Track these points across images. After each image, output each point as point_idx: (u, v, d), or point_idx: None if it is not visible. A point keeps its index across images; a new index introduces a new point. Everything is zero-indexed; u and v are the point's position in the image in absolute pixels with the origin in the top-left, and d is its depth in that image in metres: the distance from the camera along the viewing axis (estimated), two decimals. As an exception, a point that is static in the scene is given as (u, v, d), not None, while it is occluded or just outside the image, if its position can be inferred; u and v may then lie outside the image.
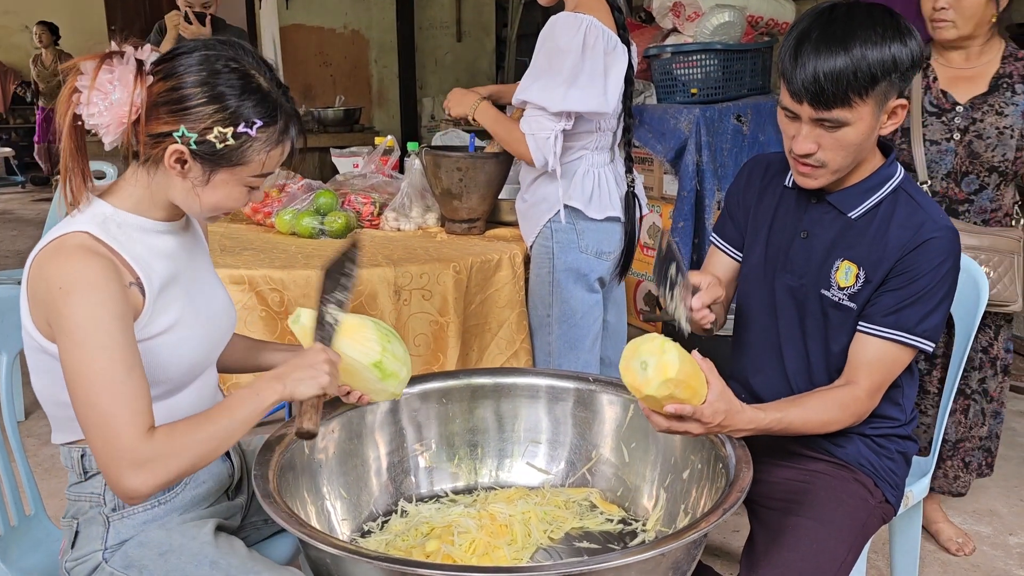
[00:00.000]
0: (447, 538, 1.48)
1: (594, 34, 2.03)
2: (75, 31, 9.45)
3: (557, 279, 2.22)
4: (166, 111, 1.18)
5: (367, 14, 8.12)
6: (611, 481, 1.69)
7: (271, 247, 2.34)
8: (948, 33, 2.14)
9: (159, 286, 1.26)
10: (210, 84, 1.18)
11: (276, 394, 1.24)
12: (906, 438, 1.60)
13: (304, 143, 1.34)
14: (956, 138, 2.17)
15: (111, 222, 1.24)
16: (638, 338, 1.28)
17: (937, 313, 1.43)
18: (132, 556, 1.30)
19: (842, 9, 1.37)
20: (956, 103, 2.17)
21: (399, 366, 1.41)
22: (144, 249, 1.26)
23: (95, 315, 1.13)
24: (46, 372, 1.26)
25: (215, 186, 1.24)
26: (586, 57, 2.03)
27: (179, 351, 1.29)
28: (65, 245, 1.18)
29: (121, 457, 1.12)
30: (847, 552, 1.45)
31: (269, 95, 1.23)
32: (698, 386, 1.27)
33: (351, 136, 5.04)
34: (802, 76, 1.34)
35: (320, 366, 1.26)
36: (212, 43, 1.22)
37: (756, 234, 1.63)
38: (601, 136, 2.19)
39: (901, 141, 2.21)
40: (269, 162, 1.25)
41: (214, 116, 1.18)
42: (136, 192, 1.26)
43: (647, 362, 1.24)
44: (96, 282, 1.14)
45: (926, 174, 2.19)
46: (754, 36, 3.80)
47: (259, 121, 1.21)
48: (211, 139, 1.19)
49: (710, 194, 3.48)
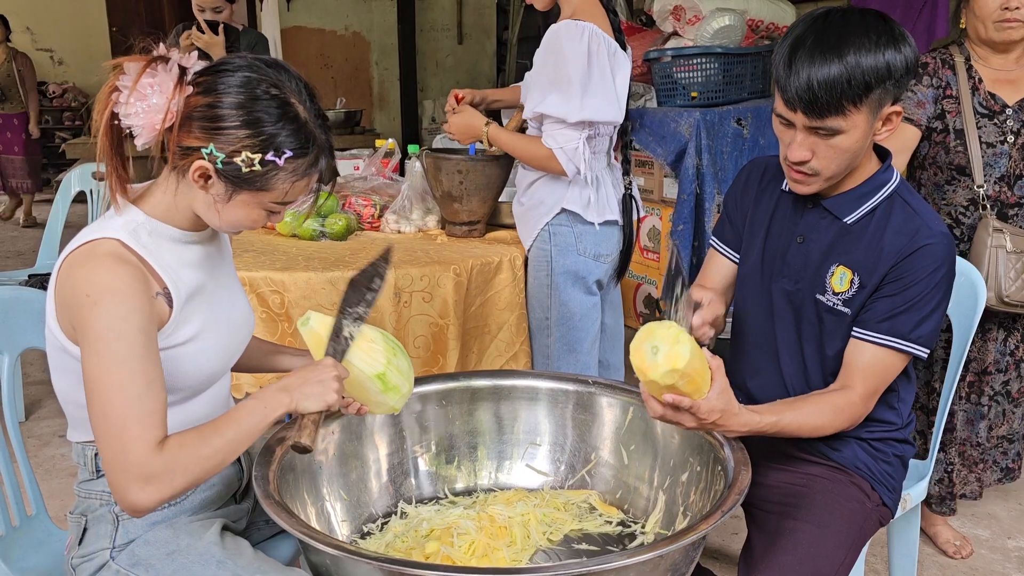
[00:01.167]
0: (446, 540, 1.49)
1: (597, 41, 2.03)
2: (76, 31, 9.45)
3: (555, 282, 2.23)
4: (199, 126, 1.18)
5: (368, 16, 8.14)
6: (610, 483, 1.69)
7: (272, 249, 2.35)
8: (1017, 34, 2.09)
9: (186, 296, 1.27)
10: (247, 108, 1.18)
11: (283, 407, 1.24)
12: (903, 441, 1.60)
13: (334, 179, 1.33)
14: (1010, 140, 2.14)
15: (142, 230, 1.24)
16: (655, 322, 1.27)
17: (932, 319, 1.44)
18: (139, 555, 1.30)
19: (836, 15, 1.36)
20: (1005, 105, 2.15)
21: (402, 380, 1.40)
22: (173, 259, 1.27)
23: (119, 327, 1.13)
24: (67, 372, 1.27)
25: (235, 205, 1.24)
26: (592, 64, 2.04)
27: (199, 360, 1.30)
28: (96, 251, 1.18)
29: (129, 471, 1.12)
30: (845, 555, 1.46)
31: (305, 126, 1.22)
32: (702, 383, 1.28)
33: (352, 138, 5.05)
34: (796, 84, 1.33)
35: (329, 383, 1.26)
36: (258, 64, 1.21)
37: (753, 238, 1.64)
38: (600, 140, 2.20)
39: (957, 143, 2.18)
40: (293, 192, 1.25)
41: (245, 140, 1.18)
42: (165, 200, 1.27)
43: (659, 347, 1.24)
44: (124, 293, 1.15)
45: (982, 176, 2.15)
46: (754, 40, 3.81)
47: (289, 152, 1.20)
48: (238, 162, 1.18)
49: (710, 197, 3.49)
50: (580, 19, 2.05)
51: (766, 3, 3.86)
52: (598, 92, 2.05)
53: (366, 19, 8.14)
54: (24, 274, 3.43)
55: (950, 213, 2.24)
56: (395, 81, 8.31)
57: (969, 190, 2.19)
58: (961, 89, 2.15)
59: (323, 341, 1.34)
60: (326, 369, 1.28)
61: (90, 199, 3.55)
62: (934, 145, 2.21)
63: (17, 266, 5.78)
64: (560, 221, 2.19)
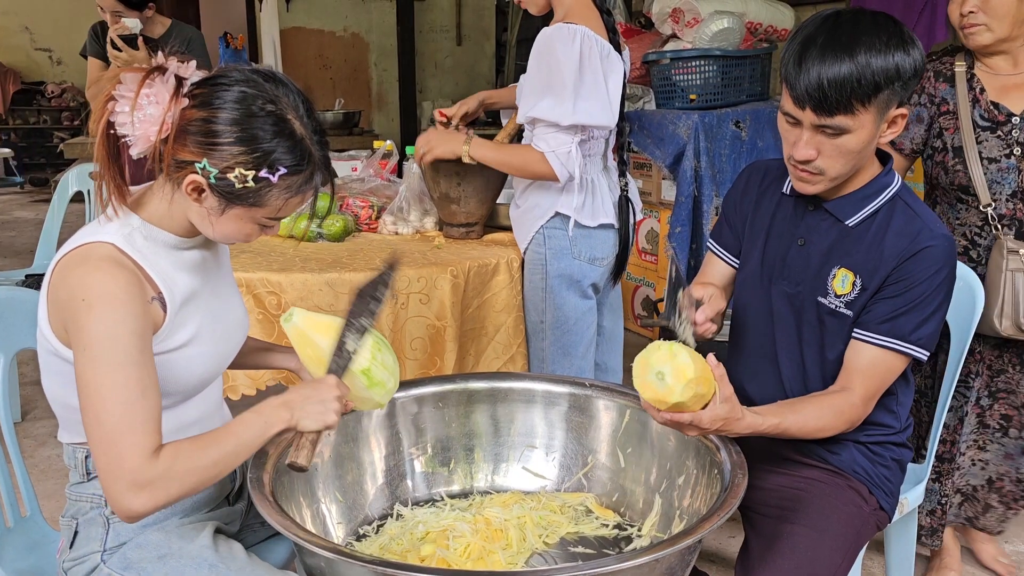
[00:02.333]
0: (442, 542, 1.48)
1: (589, 43, 2.02)
2: (75, 31, 9.44)
3: (550, 285, 2.22)
4: (193, 141, 1.17)
5: (367, 17, 8.14)
6: (607, 486, 1.69)
7: (268, 250, 2.34)
8: (983, 38, 1.96)
9: (180, 301, 1.27)
10: (242, 125, 1.17)
11: (283, 423, 1.23)
12: (901, 445, 1.60)
13: (332, 191, 1.33)
14: (1017, 153, 1.96)
15: (138, 234, 1.24)
16: (644, 351, 1.29)
17: (932, 321, 1.44)
18: (130, 558, 1.30)
19: (847, 16, 1.37)
20: (1011, 114, 1.97)
21: (387, 376, 1.39)
22: (168, 264, 1.26)
23: (115, 332, 1.13)
24: (58, 374, 1.26)
25: (229, 219, 1.23)
26: (585, 68, 2.02)
27: (192, 365, 1.30)
28: (92, 255, 1.18)
29: (123, 478, 1.11)
30: (842, 559, 1.46)
31: (301, 142, 1.21)
32: (711, 378, 1.28)
33: (350, 139, 5.05)
34: (806, 82, 1.34)
35: (331, 403, 1.26)
36: (254, 78, 1.20)
37: (753, 241, 1.63)
38: (594, 144, 2.19)
39: (955, 162, 2.01)
40: (286, 208, 1.25)
41: (239, 157, 1.17)
42: (161, 206, 1.26)
43: (663, 372, 1.25)
44: (119, 297, 1.14)
45: (988, 196, 1.97)
46: (753, 42, 3.80)
47: (284, 169, 1.19)
48: (231, 178, 1.17)
49: (708, 200, 3.48)
50: (572, 22, 2.03)
51: (765, 5, 3.86)
52: (591, 96, 2.04)
53: (365, 20, 8.14)
54: (21, 274, 3.42)
55: (965, 234, 2.07)
56: (394, 82, 8.30)
57: (979, 210, 2.01)
58: (960, 102, 2.01)
59: (307, 338, 1.33)
60: (329, 388, 1.27)
61: (88, 199, 3.54)
62: (934, 165, 2.07)
63: (14, 266, 5.76)
64: (554, 224, 2.19)
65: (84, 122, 8.98)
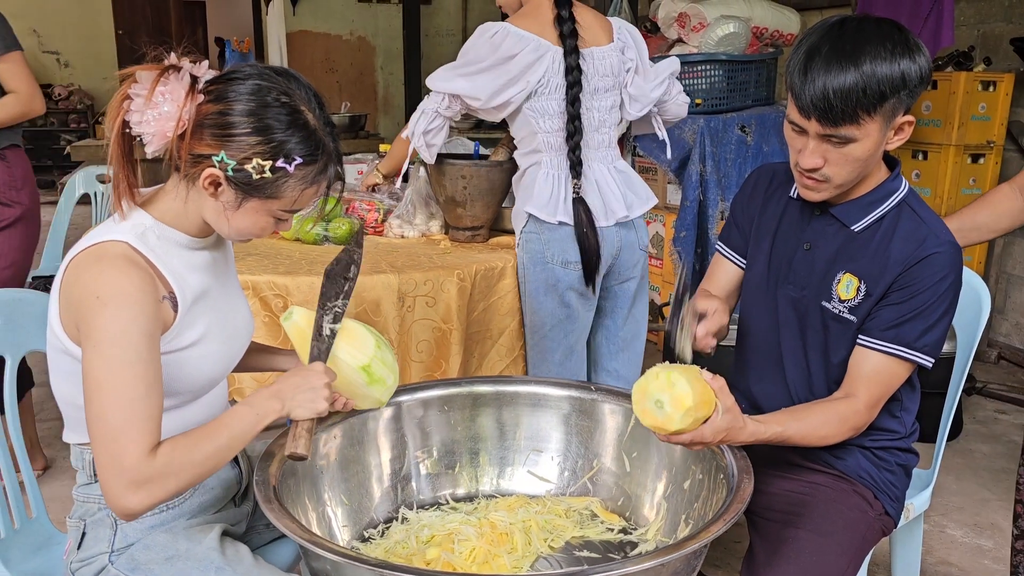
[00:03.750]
0: (447, 546, 1.49)
1: (503, 37, 2.09)
2: (82, 34, 9.49)
3: (527, 291, 2.25)
4: (210, 134, 1.19)
5: (374, 21, 8.16)
6: (612, 490, 1.69)
7: (275, 253, 2.35)
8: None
9: (191, 300, 1.27)
10: (258, 115, 1.19)
11: (275, 413, 1.26)
12: (906, 451, 1.60)
13: (342, 187, 1.35)
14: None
15: (151, 233, 1.25)
16: (642, 378, 1.30)
17: (937, 328, 1.43)
18: (138, 559, 1.30)
19: (852, 24, 1.36)
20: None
21: (387, 373, 1.40)
22: (180, 263, 1.27)
23: (126, 330, 1.14)
24: (67, 374, 1.27)
25: (245, 212, 1.24)
26: (487, 55, 2.10)
27: (201, 365, 1.31)
28: (106, 253, 1.19)
29: (122, 475, 1.12)
30: (847, 564, 1.45)
31: (314, 133, 1.23)
32: (711, 399, 1.29)
33: (356, 143, 5.04)
34: (811, 92, 1.33)
35: (320, 390, 1.28)
36: (268, 72, 1.23)
37: (760, 244, 1.63)
38: (546, 137, 2.17)
39: None
40: (302, 199, 1.26)
41: (255, 147, 1.19)
42: (175, 206, 1.27)
43: (661, 400, 1.26)
44: (132, 295, 1.15)
45: None
46: (759, 47, 3.81)
47: (299, 159, 1.21)
48: (248, 169, 1.19)
49: (713, 204, 3.49)
50: (512, 21, 2.12)
51: (771, 10, 3.86)
52: (472, 74, 2.11)
53: (371, 24, 8.16)
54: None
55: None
56: (400, 86, 8.32)
57: None
58: None
59: (307, 336, 1.34)
60: (317, 375, 1.29)
61: (94, 201, 3.56)
62: None
63: (21, 268, 5.76)
64: (530, 228, 2.20)
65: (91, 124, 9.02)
